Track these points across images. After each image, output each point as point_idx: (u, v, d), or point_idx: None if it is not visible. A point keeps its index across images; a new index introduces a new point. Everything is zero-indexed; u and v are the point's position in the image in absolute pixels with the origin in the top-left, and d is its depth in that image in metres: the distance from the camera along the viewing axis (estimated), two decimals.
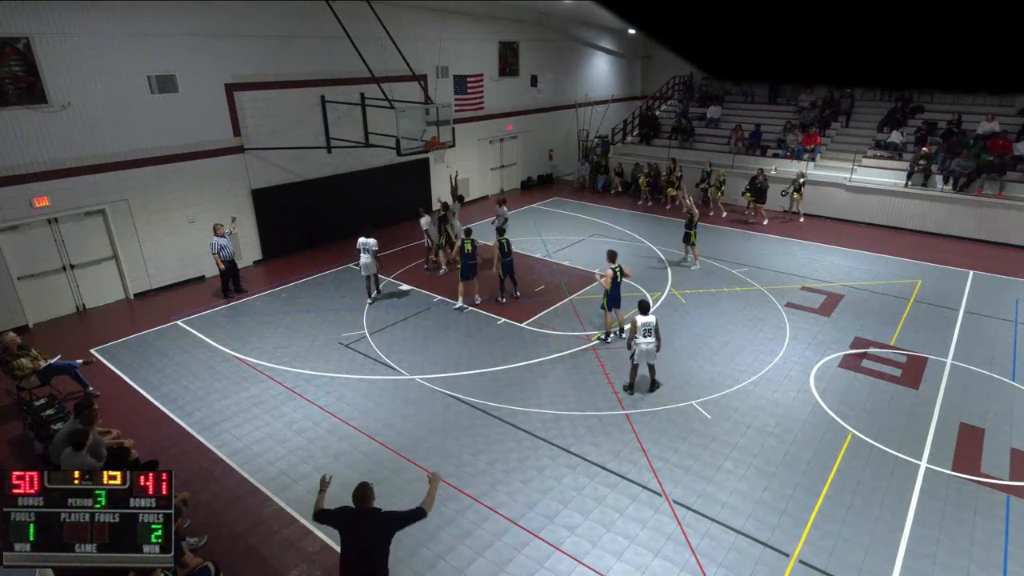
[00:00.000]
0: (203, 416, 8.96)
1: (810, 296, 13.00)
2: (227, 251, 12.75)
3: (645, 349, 9.07)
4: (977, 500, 7.19)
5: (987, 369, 10.04)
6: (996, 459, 7.90)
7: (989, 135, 17.83)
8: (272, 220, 15.32)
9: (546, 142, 24.58)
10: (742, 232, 17.76)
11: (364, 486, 5.06)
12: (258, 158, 14.72)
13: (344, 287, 13.73)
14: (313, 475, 7.67)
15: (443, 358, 10.51)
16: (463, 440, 8.37)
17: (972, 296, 13.04)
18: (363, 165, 17.16)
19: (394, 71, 15.18)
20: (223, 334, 11.45)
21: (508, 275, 12.53)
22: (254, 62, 14.13)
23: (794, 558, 6.40)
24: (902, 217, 17.93)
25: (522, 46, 21.86)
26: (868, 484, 7.46)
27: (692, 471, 7.70)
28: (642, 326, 9.02)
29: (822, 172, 19.36)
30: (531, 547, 6.55)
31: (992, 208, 16.67)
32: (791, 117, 22.02)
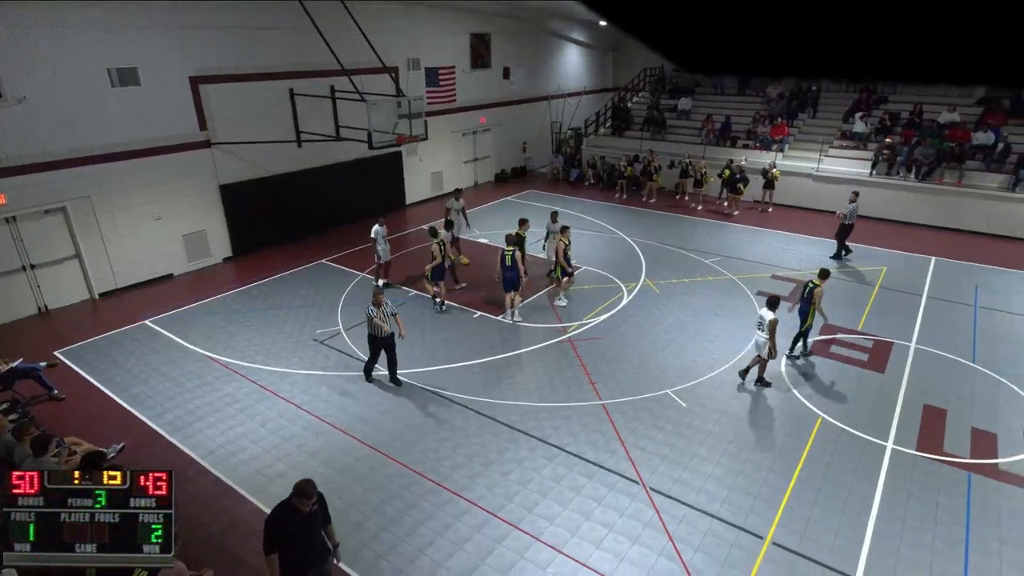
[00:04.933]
0: (175, 417, 8.78)
1: (780, 284, 13.26)
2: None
3: (755, 341, 9.31)
4: (940, 478, 7.45)
5: (949, 352, 10.38)
6: (958, 438, 8.19)
7: (949, 125, 18.36)
8: (242, 216, 15.03)
9: (519, 135, 24.55)
10: (715, 223, 18.01)
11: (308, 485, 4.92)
12: (226, 153, 14.40)
13: (318, 283, 13.56)
14: (289, 474, 7.59)
15: (419, 352, 10.47)
16: (441, 434, 8.36)
17: (934, 282, 13.46)
18: (335, 159, 16.93)
19: (364, 63, 14.97)
20: (194, 333, 11.22)
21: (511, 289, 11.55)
22: (220, 54, 13.79)
23: (768, 540, 6.56)
24: (867, 206, 18.29)
25: (494, 38, 21.75)
26: (837, 466, 7.67)
27: (668, 459, 7.82)
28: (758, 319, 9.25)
29: (790, 162, 19.72)
30: (511, 538, 6.58)
31: (952, 196, 17.19)
32: (760, 108, 22.36)
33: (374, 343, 9.26)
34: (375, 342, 9.24)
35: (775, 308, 9.01)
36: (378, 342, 9.21)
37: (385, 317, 9.03)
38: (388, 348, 9.32)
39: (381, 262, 12.82)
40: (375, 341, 9.22)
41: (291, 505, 4.91)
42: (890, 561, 6.28)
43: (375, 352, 9.37)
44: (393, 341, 9.30)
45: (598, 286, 13.25)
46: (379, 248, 12.64)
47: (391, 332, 9.18)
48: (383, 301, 9.07)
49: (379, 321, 8.96)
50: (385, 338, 9.17)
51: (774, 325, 8.89)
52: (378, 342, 9.21)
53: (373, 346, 9.31)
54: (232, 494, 7.30)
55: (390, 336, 9.21)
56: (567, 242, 11.74)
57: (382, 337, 9.13)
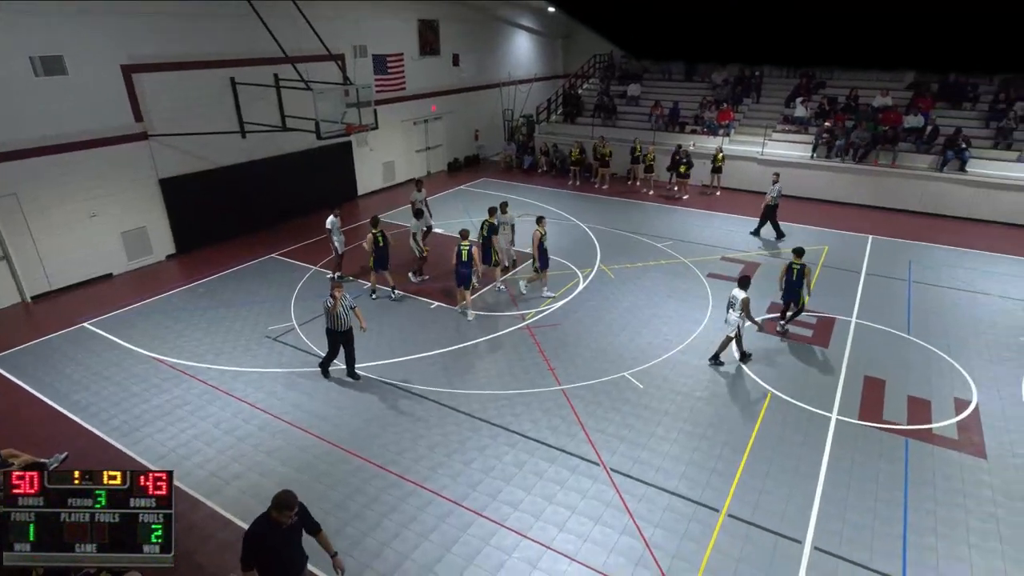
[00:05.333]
0: (121, 423, 8.43)
1: (730, 266, 13.67)
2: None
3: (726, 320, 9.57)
4: (881, 445, 7.88)
5: (886, 325, 10.93)
6: (895, 407, 8.67)
7: (883, 109, 19.21)
8: (185, 211, 14.43)
9: (471, 122, 24.37)
10: (666, 207, 18.38)
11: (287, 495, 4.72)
12: (165, 145, 13.77)
13: (268, 278, 13.19)
14: (246, 475, 7.42)
15: (376, 345, 10.35)
16: (402, 426, 8.31)
17: (872, 259, 14.12)
18: (282, 150, 16.43)
19: (309, 51, 14.53)
20: (138, 334, 10.76)
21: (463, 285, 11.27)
22: (154, 41, 13.12)
23: (723, 513, 6.81)
24: (810, 188, 19.09)
25: (442, 24, 21.45)
26: (787, 438, 8.01)
27: (627, 440, 8.00)
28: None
29: (736, 147, 20.26)
30: (476, 526, 6.62)
31: (887, 177, 18.04)
32: (706, 94, 22.84)
33: (333, 337, 9.08)
34: (334, 336, 9.06)
35: (746, 287, 9.29)
36: (337, 336, 9.04)
37: (345, 310, 8.87)
38: (347, 343, 9.16)
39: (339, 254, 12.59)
40: (334, 335, 9.04)
41: (271, 519, 4.67)
42: (837, 525, 6.62)
43: (334, 347, 9.19)
44: (352, 335, 9.15)
45: (555, 273, 13.34)
46: (334, 240, 12.41)
47: (350, 326, 9.02)
48: (341, 294, 8.88)
49: (340, 311, 8.78)
50: (344, 332, 9.00)
51: (747, 303, 9.19)
52: (337, 336, 9.04)
53: (332, 340, 9.13)
54: (186, 498, 7.07)
55: (349, 330, 9.06)
56: (543, 232, 11.63)
57: (341, 331, 8.97)
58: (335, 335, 9.03)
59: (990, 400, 8.79)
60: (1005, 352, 10.04)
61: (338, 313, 8.79)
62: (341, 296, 8.83)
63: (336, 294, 8.78)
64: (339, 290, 8.86)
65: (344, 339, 9.09)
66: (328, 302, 8.80)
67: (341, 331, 8.96)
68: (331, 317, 8.86)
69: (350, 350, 9.25)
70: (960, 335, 10.59)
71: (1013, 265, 13.72)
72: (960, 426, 8.25)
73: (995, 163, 17.03)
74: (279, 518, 4.66)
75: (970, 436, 8.05)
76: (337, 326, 8.90)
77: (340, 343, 9.12)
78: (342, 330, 8.96)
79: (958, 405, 8.70)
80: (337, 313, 8.79)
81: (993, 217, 16.73)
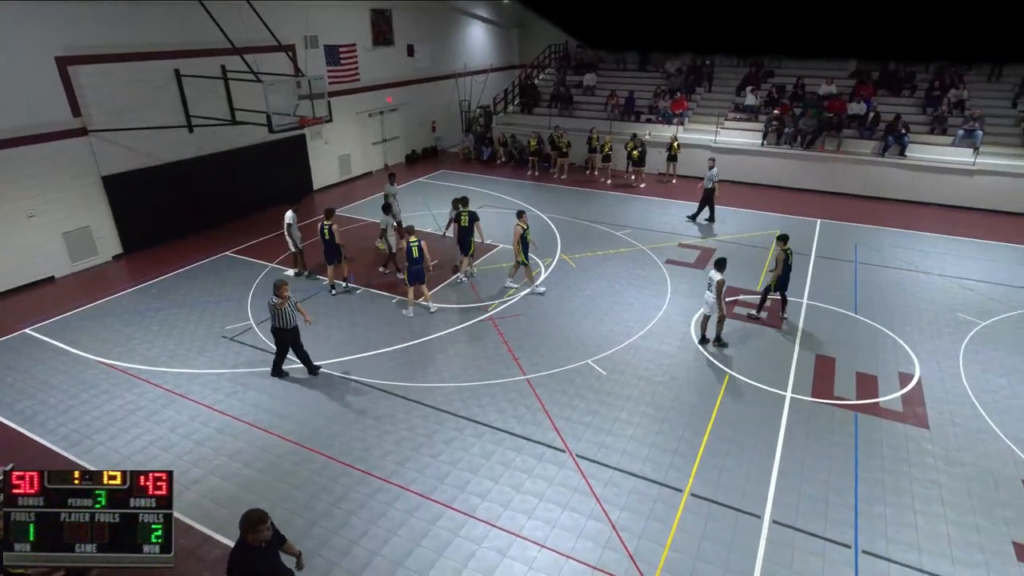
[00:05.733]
0: (69, 431, 8.09)
1: (687, 252, 13.97)
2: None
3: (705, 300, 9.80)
4: (832, 420, 8.23)
5: (835, 305, 11.39)
6: (845, 383, 9.06)
7: (828, 96, 19.87)
8: (132, 209, 13.85)
9: (428, 114, 24.12)
10: (624, 195, 18.62)
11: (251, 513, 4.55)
12: (107, 141, 13.17)
13: (223, 276, 12.82)
14: (207, 479, 7.25)
15: (338, 342, 10.20)
16: (366, 422, 8.24)
17: (821, 242, 14.66)
18: (233, 144, 15.93)
19: (257, 41, 14.10)
20: (85, 339, 10.33)
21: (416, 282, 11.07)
22: (92, 32, 12.51)
23: (686, 492, 7.01)
24: (761, 174, 19.64)
25: (395, 14, 21.10)
26: (745, 417, 8.28)
27: (592, 426, 8.13)
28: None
29: (690, 135, 20.66)
30: (445, 519, 6.64)
31: (833, 163, 18.71)
32: (660, 83, 23.18)
33: (281, 335, 8.93)
34: (281, 335, 8.91)
35: (723, 269, 9.51)
36: (285, 334, 8.89)
37: (291, 307, 8.75)
38: (294, 341, 9.01)
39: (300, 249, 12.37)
40: (281, 333, 8.89)
41: (248, 544, 4.45)
42: (793, 499, 6.90)
43: (283, 345, 9.05)
44: (297, 333, 9.01)
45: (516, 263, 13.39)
46: (292, 236, 12.16)
47: (296, 324, 8.90)
48: (287, 293, 8.71)
49: (287, 309, 8.66)
50: (291, 329, 8.87)
51: (721, 285, 9.41)
52: (285, 334, 8.89)
53: (280, 339, 8.99)
54: None
55: (295, 328, 8.92)
56: (525, 227, 11.55)
57: (288, 329, 8.83)
58: (283, 333, 8.89)
59: (931, 373, 9.28)
60: (944, 328, 10.59)
61: (285, 311, 8.67)
62: (287, 295, 8.68)
63: (284, 293, 8.63)
64: (286, 288, 8.70)
65: (291, 337, 8.96)
66: (273, 300, 8.67)
67: (288, 329, 8.84)
68: (279, 315, 8.70)
69: (299, 347, 9.12)
70: (903, 313, 11.12)
71: (950, 244, 14.46)
72: (904, 399, 8.69)
73: (932, 148, 17.86)
74: (256, 538, 4.46)
75: (914, 408, 8.48)
76: (284, 324, 8.77)
77: (288, 342, 8.99)
78: (289, 328, 8.83)
79: (902, 379, 9.15)
80: (284, 311, 8.66)
81: (931, 199, 17.58)
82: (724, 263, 9.61)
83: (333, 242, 11.49)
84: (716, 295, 9.43)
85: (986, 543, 6.34)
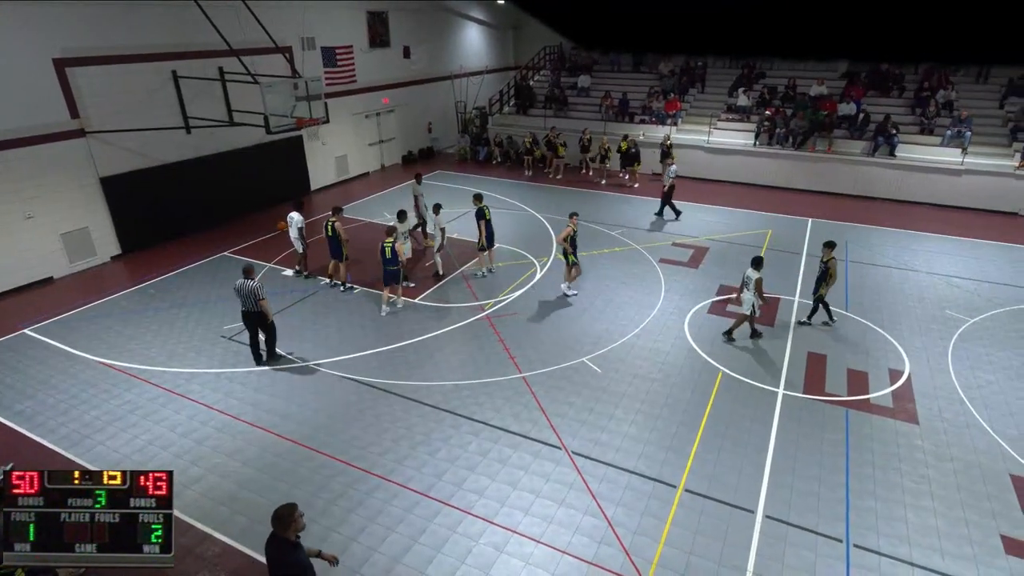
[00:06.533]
0: (69, 431, 8.15)
1: (680, 251, 14.11)
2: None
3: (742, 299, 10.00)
4: (824, 416, 8.37)
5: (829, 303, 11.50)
6: (836, 380, 9.20)
7: (819, 97, 20.05)
8: (130, 210, 13.90)
9: (424, 115, 24.20)
10: (618, 195, 18.75)
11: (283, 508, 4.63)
12: (105, 142, 13.21)
13: (220, 277, 12.87)
14: (206, 477, 7.32)
15: (336, 342, 10.28)
16: (365, 421, 8.32)
17: (812, 241, 14.81)
18: (230, 145, 15.97)
19: (255, 43, 14.16)
20: (84, 339, 10.37)
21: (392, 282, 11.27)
22: (90, 33, 12.55)
23: (680, 488, 7.12)
24: (753, 174, 19.81)
25: (391, 16, 21.18)
26: (738, 414, 8.41)
27: (587, 423, 8.24)
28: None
29: (684, 135, 20.81)
30: (442, 515, 6.73)
31: (824, 163, 18.90)
32: (654, 84, 23.33)
33: (248, 319, 9.39)
34: (248, 317, 9.37)
35: (759, 267, 9.67)
36: (251, 317, 9.33)
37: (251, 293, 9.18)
38: (261, 324, 9.44)
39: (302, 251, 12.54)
40: (248, 316, 9.35)
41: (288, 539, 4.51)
42: (786, 494, 7.02)
43: (252, 328, 9.51)
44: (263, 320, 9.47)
45: (512, 263, 13.51)
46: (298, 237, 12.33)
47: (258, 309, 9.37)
48: (253, 275, 9.28)
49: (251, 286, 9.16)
50: (256, 312, 9.30)
51: (760, 283, 9.59)
52: (251, 317, 9.33)
53: (248, 323, 9.46)
54: None
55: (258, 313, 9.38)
56: (575, 228, 11.44)
57: (254, 311, 9.27)
58: (249, 316, 9.36)
59: (920, 369, 9.43)
60: (933, 324, 10.75)
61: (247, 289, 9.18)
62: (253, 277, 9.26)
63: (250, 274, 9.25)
64: (253, 271, 9.36)
65: (258, 319, 9.39)
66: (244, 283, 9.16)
67: (254, 311, 9.28)
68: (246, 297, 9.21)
69: (268, 331, 9.54)
70: (893, 310, 11.28)
71: (938, 243, 14.65)
72: (895, 395, 8.83)
73: (921, 147, 18.07)
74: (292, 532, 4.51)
75: (904, 404, 8.63)
76: (249, 306, 9.23)
77: (256, 324, 9.44)
78: (255, 310, 9.27)
79: (892, 375, 9.30)
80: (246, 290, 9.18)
81: (919, 198, 17.78)
82: (761, 261, 9.77)
83: (336, 238, 11.65)
84: (755, 293, 9.59)
85: (975, 536, 6.47)
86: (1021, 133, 17.27)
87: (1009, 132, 17.72)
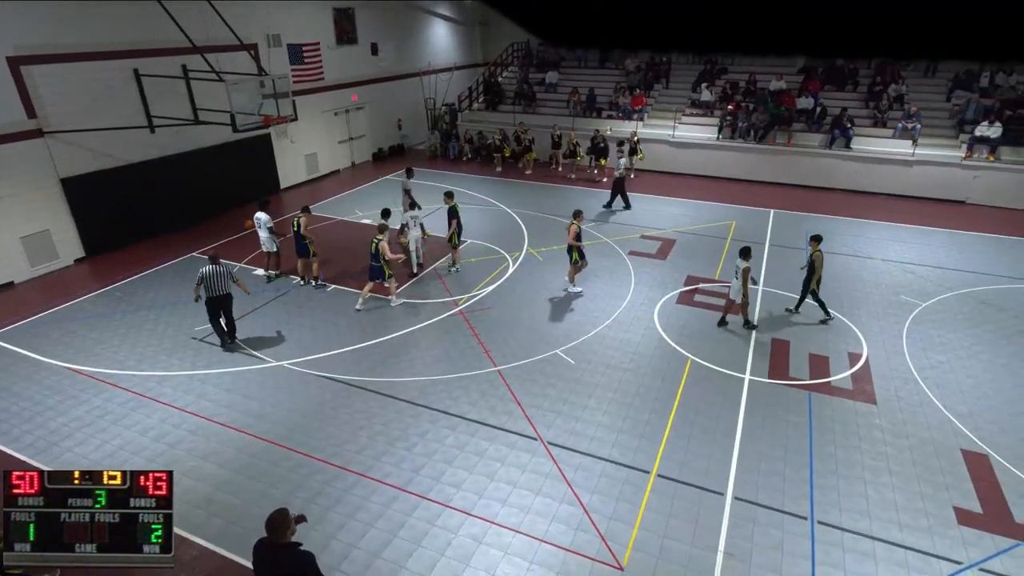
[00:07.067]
0: (35, 439, 7.98)
1: (649, 243, 14.40)
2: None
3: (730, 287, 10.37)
4: (788, 400, 8.70)
5: (788, 291, 11.92)
6: (799, 364, 9.55)
7: (779, 92, 20.59)
8: (93, 212, 13.56)
9: (394, 112, 24.07)
10: (587, 190, 18.98)
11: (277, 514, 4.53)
12: (65, 142, 12.85)
13: (190, 278, 12.60)
14: (181, 481, 7.24)
15: (310, 340, 10.26)
16: (341, 418, 8.35)
17: (774, 231, 15.27)
18: (196, 144, 15.68)
19: (219, 40, 13.94)
20: (48, 345, 10.14)
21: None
22: (45, 30, 12.17)
23: (653, 474, 7.34)
24: (717, 167, 20.27)
25: (358, 12, 21.00)
26: (707, 400, 8.68)
27: (562, 413, 8.41)
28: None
29: (649, 130, 21.16)
30: (421, 509, 6.82)
31: (784, 155, 19.45)
32: (620, 80, 23.62)
33: (211, 304, 9.64)
34: (212, 303, 9.62)
35: (748, 257, 9.93)
36: (215, 303, 9.62)
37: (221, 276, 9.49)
38: (225, 309, 9.80)
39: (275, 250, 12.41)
40: (212, 302, 9.61)
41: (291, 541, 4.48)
42: (753, 476, 7.30)
43: (213, 314, 9.74)
44: (230, 302, 9.82)
45: (485, 258, 13.61)
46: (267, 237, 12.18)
47: (227, 292, 9.63)
48: (220, 261, 9.63)
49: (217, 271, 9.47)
50: (220, 297, 9.57)
51: (747, 272, 9.85)
52: (215, 303, 9.62)
53: (212, 307, 9.69)
54: None
55: (227, 296, 9.66)
56: (580, 227, 11.52)
57: (217, 296, 9.54)
58: (213, 301, 9.62)
59: (877, 352, 9.86)
60: (888, 309, 11.23)
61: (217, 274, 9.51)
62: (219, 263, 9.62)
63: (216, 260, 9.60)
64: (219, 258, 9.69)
65: (222, 304, 9.73)
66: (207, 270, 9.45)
67: (217, 296, 9.59)
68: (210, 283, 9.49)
69: (229, 317, 9.91)
70: (851, 296, 11.74)
71: (892, 231, 15.25)
72: (854, 377, 9.22)
73: (874, 140, 18.74)
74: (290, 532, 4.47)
75: (862, 385, 9.02)
76: (215, 291, 9.54)
77: (219, 308, 9.75)
78: (219, 295, 9.60)
79: (851, 359, 9.70)
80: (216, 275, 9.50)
81: (874, 188, 18.46)
82: (749, 251, 10.05)
83: (300, 235, 11.68)
84: (742, 282, 9.89)
85: (930, 508, 6.84)
86: (967, 125, 18.03)
87: (955, 124, 18.49)
